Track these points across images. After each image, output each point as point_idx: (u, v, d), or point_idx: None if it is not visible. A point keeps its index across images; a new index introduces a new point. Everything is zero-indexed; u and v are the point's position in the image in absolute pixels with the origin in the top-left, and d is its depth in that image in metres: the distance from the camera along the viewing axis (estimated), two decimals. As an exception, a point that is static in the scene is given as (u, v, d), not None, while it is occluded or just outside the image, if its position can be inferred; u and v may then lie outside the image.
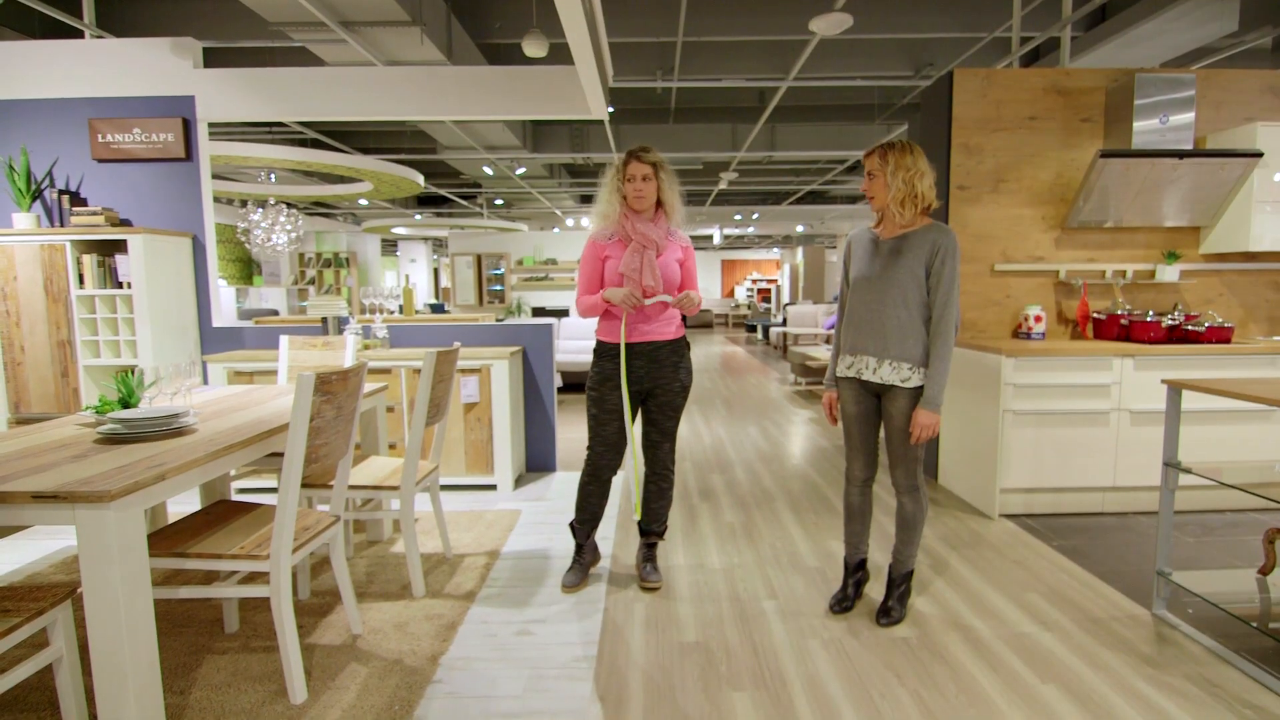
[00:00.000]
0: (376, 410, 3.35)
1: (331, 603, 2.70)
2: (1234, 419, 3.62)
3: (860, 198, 14.45)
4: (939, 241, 2.34)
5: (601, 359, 2.78)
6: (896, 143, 2.36)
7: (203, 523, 2.24)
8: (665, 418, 2.84)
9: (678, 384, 2.80)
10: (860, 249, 2.53)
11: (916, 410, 2.37)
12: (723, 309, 24.25)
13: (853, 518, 2.69)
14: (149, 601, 1.73)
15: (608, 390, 2.74)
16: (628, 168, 2.70)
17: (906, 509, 2.54)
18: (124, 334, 4.08)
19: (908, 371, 2.39)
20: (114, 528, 1.62)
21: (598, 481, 2.87)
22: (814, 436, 5.87)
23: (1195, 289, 4.18)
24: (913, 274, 2.36)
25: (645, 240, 2.69)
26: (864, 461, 2.60)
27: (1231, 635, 2.42)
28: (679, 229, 2.84)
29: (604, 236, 2.77)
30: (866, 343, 2.45)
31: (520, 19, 5.63)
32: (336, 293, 14.53)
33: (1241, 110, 4.01)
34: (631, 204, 2.72)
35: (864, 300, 2.46)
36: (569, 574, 2.92)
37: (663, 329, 2.77)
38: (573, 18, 3.10)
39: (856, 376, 2.50)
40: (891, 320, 2.38)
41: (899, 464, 2.50)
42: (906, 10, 5.60)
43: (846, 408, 2.57)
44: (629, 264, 2.67)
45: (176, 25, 5.30)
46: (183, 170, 4.36)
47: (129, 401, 2.38)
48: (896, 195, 2.34)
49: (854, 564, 2.70)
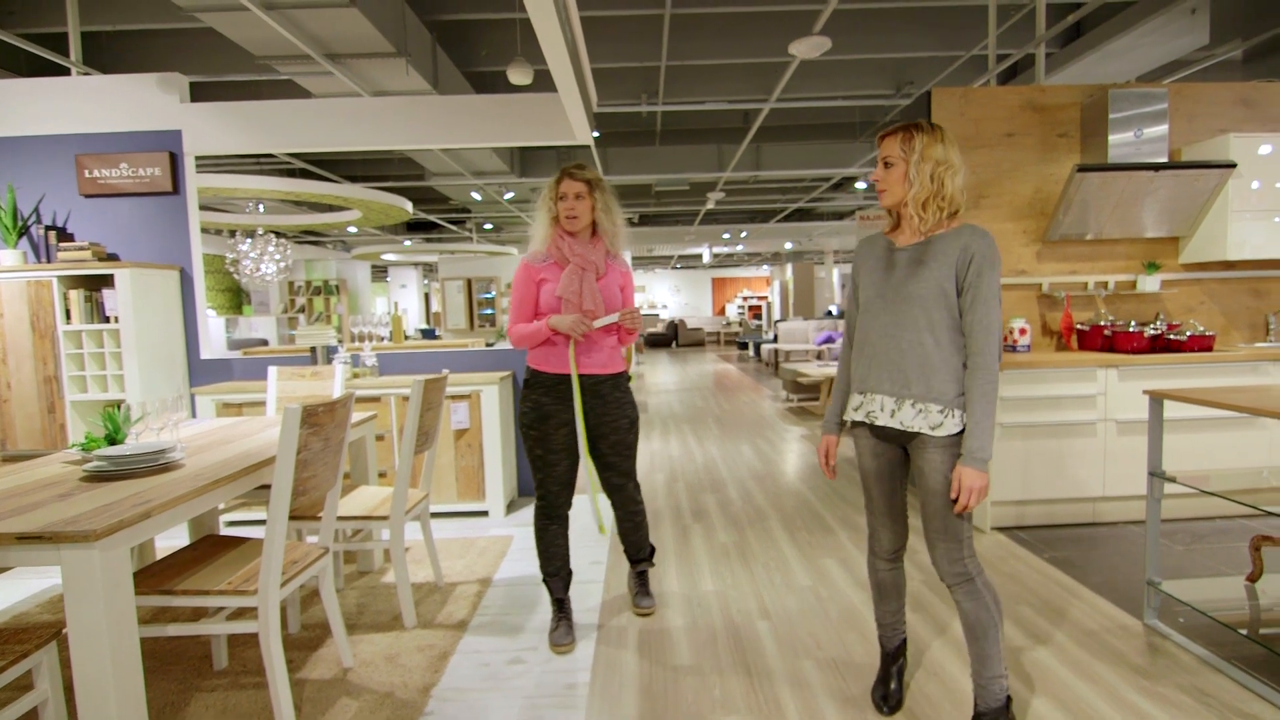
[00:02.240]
0: (366, 439, 3.35)
1: (322, 636, 2.68)
2: (1219, 426, 3.65)
3: (848, 213, 14.57)
4: (972, 245, 1.81)
5: (535, 391, 2.55)
6: (923, 124, 1.85)
7: (190, 558, 2.23)
8: (621, 458, 2.67)
9: (625, 420, 2.62)
10: (872, 260, 1.99)
11: (959, 468, 1.78)
12: (714, 327, 24.32)
13: (884, 596, 2.15)
14: (135, 641, 1.72)
15: (551, 428, 2.53)
16: (559, 185, 2.52)
17: (965, 609, 1.88)
18: (111, 368, 4.07)
19: (938, 415, 1.82)
20: (99, 567, 1.61)
21: (557, 519, 2.65)
22: (807, 454, 5.88)
23: (1176, 298, 4.23)
24: (939, 288, 1.81)
25: (584, 262, 2.51)
26: (891, 531, 2.06)
27: (1222, 643, 2.42)
28: (620, 253, 2.67)
29: (538, 259, 2.56)
30: (880, 379, 1.91)
31: (505, 47, 5.71)
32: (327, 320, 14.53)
33: (1214, 122, 4.09)
34: (564, 225, 2.52)
35: (877, 325, 1.92)
36: (557, 632, 2.62)
37: (607, 362, 2.60)
38: (554, 47, 3.15)
39: (868, 421, 1.96)
40: (912, 350, 1.84)
41: (938, 540, 1.89)
42: (885, 31, 5.71)
43: (863, 462, 2.04)
44: (568, 287, 2.48)
45: (163, 61, 5.36)
46: (170, 203, 4.38)
47: (115, 438, 2.37)
48: (918, 193, 1.83)
49: (891, 649, 2.20)
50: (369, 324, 4.74)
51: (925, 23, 5.66)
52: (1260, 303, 4.22)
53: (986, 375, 1.78)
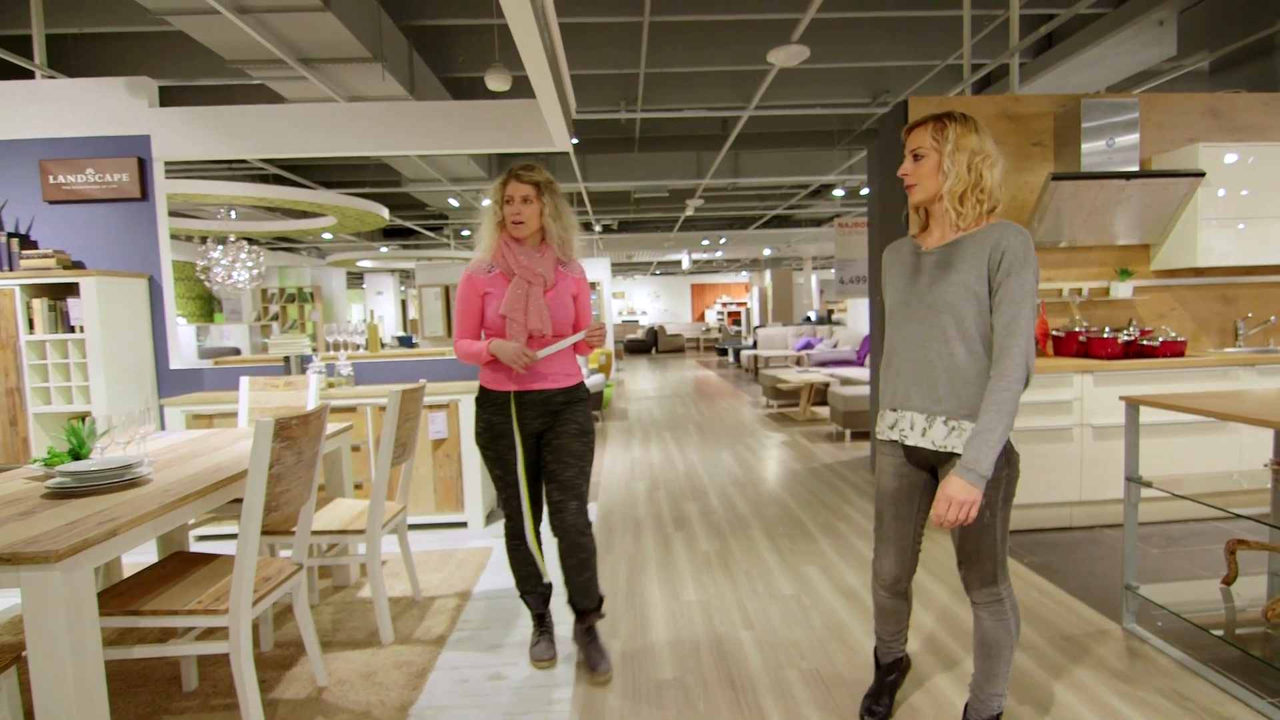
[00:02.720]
0: (341, 451, 3.28)
1: (295, 654, 2.61)
2: (1192, 430, 3.71)
3: (826, 219, 14.68)
4: (1003, 240, 1.65)
5: (486, 410, 2.39)
6: (955, 113, 1.73)
7: (158, 577, 2.16)
8: (563, 465, 2.36)
9: (574, 426, 2.38)
10: (898, 265, 1.87)
11: (946, 479, 1.66)
12: (694, 333, 24.38)
13: (884, 618, 2.05)
14: (100, 664, 1.65)
15: (504, 448, 2.37)
16: (506, 188, 2.32)
17: (985, 626, 1.81)
18: (76, 379, 3.96)
19: None
20: (61, 589, 1.55)
21: (527, 537, 2.48)
22: (787, 460, 5.89)
23: (1149, 304, 4.30)
24: (969, 291, 1.68)
25: (529, 274, 2.31)
26: (895, 558, 1.91)
27: (1200, 646, 2.45)
28: (573, 259, 2.47)
29: (482, 270, 2.36)
30: (910, 393, 1.78)
31: (483, 53, 5.67)
32: (301, 328, 14.32)
33: (1183, 131, 4.17)
34: (510, 230, 2.33)
35: (904, 335, 1.80)
36: (538, 647, 2.54)
37: (560, 374, 2.39)
38: (533, 53, 3.13)
39: (900, 440, 1.83)
40: (942, 360, 1.71)
41: (970, 561, 1.79)
42: (862, 40, 5.76)
43: (882, 480, 1.91)
44: (511, 305, 2.29)
45: (132, 65, 5.24)
46: (138, 210, 4.28)
47: (80, 452, 2.30)
48: (955, 186, 1.69)
49: (886, 663, 2.14)
50: (344, 332, 4.66)
51: (901, 32, 5.73)
52: (1229, 308, 4.30)
53: (1002, 384, 1.63)
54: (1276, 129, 4.17)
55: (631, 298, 26.93)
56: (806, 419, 7.93)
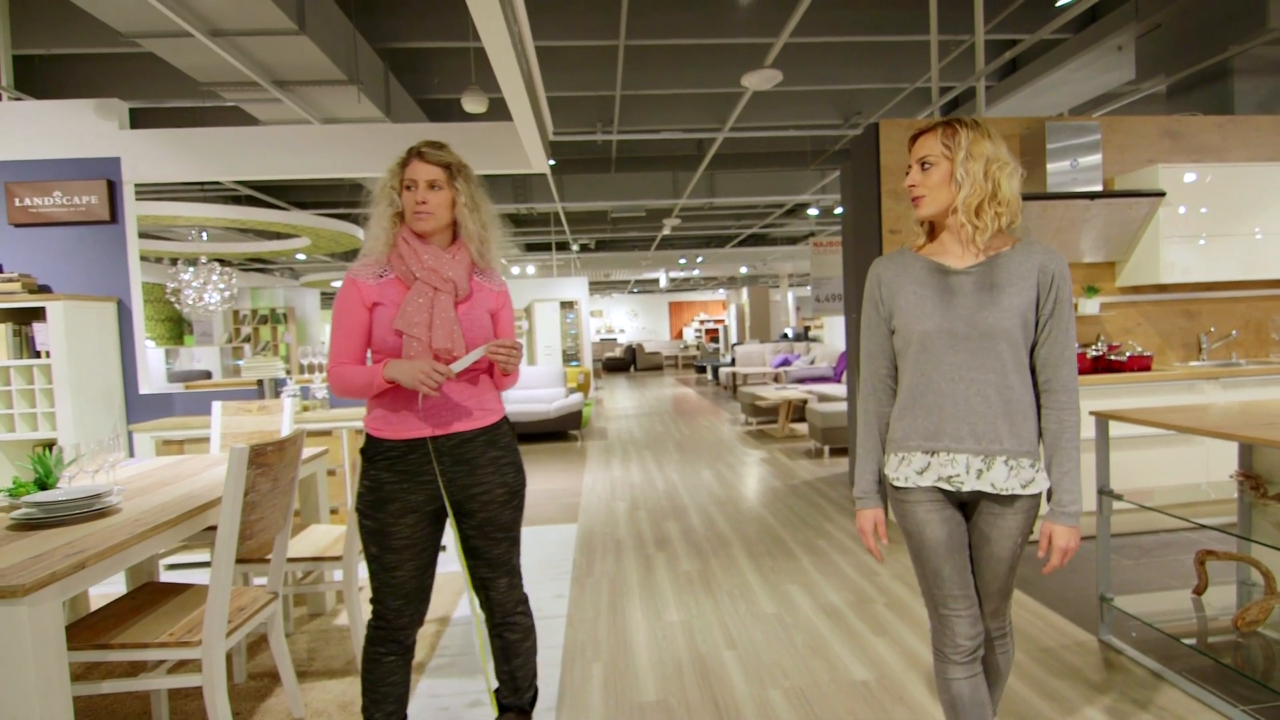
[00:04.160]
0: (317, 475, 3.24)
1: (270, 685, 2.56)
2: (1160, 443, 3.79)
3: (801, 237, 14.87)
4: (1050, 265, 1.54)
5: (375, 465, 1.79)
6: (966, 119, 1.56)
7: (128, 608, 2.10)
8: (490, 543, 1.89)
9: (500, 489, 1.87)
10: (913, 284, 1.60)
11: (1049, 525, 1.54)
12: (672, 350, 24.47)
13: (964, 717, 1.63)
14: (68, 700, 1.61)
15: (390, 517, 1.77)
16: (406, 169, 1.77)
17: (998, 661, 1.72)
18: (42, 406, 3.87)
19: (1030, 471, 1.53)
20: (27, 625, 1.50)
21: (398, 647, 1.86)
22: (767, 478, 5.91)
23: (1115, 320, 4.41)
24: (1023, 319, 1.53)
25: (436, 279, 1.76)
26: (970, 615, 1.61)
27: (1173, 656, 2.48)
28: (493, 269, 1.92)
29: (371, 273, 1.79)
30: (959, 433, 1.54)
31: (459, 75, 5.70)
32: (274, 350, 14.12)
33: (1143, 153, 4.30)
34: (410, 223, 1.78)
35: (945, 367, 1.55)
36: None
37: (475, 410, 1.84)
38: (509, 76, 3.16)
39: (948, 488, 1.57)
40: (1000, 395, 1.53)
41: (997, 596, 1.64)
42: (834, 64, 5.89)
43: (929, 533, 1.59)
44: (411, 317, 1.74)
45: (103, 86, 5.19)
46: (107, 233, 4.22)
47: (46, 482, 2.24)
48: (970, 197, 1.51)
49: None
50: (319, 354, 4.61)
51: (871, 56, 5.86)
52: (1192, 323, 4.42)
53: (1071, 417, 1.53)
54: (1231, 150, 4.33)
55: (609, 316, 26.98)
56: (785, 435, 7.97)
